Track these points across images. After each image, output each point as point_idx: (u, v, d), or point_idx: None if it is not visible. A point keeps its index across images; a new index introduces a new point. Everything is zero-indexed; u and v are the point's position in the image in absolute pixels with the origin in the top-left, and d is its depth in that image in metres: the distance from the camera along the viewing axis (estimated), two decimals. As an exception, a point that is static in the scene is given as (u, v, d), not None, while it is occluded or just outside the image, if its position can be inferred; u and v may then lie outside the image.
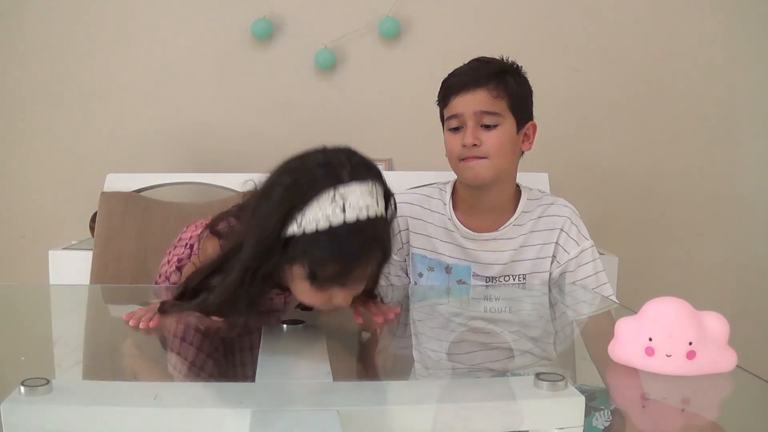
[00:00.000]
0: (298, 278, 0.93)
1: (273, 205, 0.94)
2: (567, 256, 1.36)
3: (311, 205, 0.90)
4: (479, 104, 1.29)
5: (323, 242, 0.89)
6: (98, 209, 1.77)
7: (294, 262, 0.92)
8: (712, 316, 0.81)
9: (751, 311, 2.31)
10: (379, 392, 0.72)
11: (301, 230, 0.90)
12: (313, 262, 0.90)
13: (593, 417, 0.68)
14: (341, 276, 0.91)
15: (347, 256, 0.90)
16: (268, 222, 0.92)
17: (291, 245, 0.91)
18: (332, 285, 0.93)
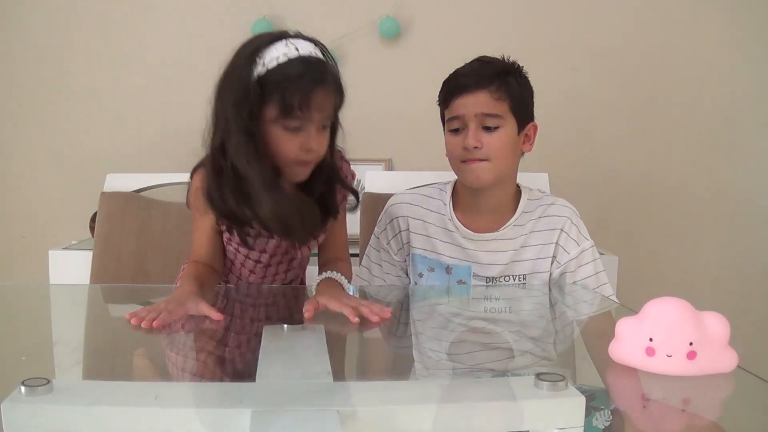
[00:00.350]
0: (273, 125, 1.07)
1: (237, 65, 1.09)
2: (567, 256, 1.36)
3: (269, 49, 1.07)
4: (481, 106, 1.29)
5: (285, 71, 1.05)
6: (98, 209, 1.77)
7: (265, 104, 1.06)
8: (712, 316, 0.81)
9: (752, 311, 2.32)
10: (379, 392, 0.71)
11: (265, 69, 1.05)
12: (281, 92, 1.04)
13: (593, 417, 0.68)
14: (307, 99, 1.05)
15: (307, 79, 1.05)
16: (238, 74, 1.07)
17: (257, 90, 1.05)
18: (302, 114, 1.06)
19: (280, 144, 1.08)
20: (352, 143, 2.25)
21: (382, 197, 1.55)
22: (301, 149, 1.09)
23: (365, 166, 2.20)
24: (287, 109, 1.05)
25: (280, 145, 1.08)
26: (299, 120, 1.07)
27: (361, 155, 2.25)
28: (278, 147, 1.09)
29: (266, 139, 1.08)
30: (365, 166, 2.21)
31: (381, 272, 1.46)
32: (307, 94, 1.06)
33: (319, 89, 1.07)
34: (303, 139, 1.09)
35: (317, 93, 1.07)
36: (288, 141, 1.08)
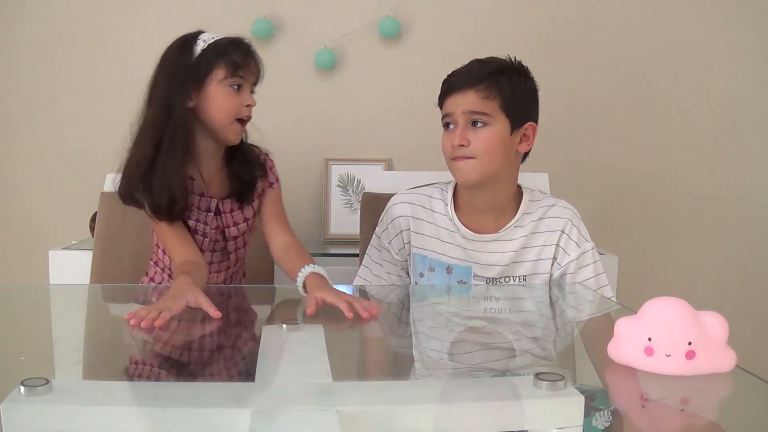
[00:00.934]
0: (217, 84, 1.27)
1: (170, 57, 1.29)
2: (567, 257, 1.36)
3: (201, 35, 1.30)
4: (468, 104, 1.30)
5: (225, 41, 1.29)
6: (98, 209, 1.77)
7: (213, 67, 1.27)
8: (711, 316, 0.81)
9: (751, 311, 2.32)
10: (379, 392, 0.72)
11: (206, 44, 1.28)
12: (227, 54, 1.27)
13: (593, 417, 0.68)
14: (247, 60, 1.29)
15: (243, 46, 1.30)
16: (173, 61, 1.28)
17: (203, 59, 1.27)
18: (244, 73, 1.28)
19: (225, 102, 1.28)
20: (352, 143, 2.26)
21: (382, 197, 1.55)
22: (242, 105, 1.30)
23: (365, 166, 2.20)
24: (234, 66, 1.27)
25: (224, 103, 1.28)
26: (241, 78, 1.29)
27: (361, 155, 2.25)
28: (224, 105, 1.28)
29: (211, 103, 1.28)
30: (365, 166, 2.21)
31: (382, 272, 1.46)
32: (246, 56, 1.30)
33: (251, 56, 1.31)
34: (243, 96, 1.31)
35: (251, 58, 1.31)
36: (231, 98, 1.29)
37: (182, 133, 1.27)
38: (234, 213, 1.40)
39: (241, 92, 1.30)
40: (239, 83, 1.29)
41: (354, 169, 2.24)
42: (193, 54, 1.27)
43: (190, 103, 1.28)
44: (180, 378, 0.84)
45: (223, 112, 1.28)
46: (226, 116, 1.29)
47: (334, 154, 2.25)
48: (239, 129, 1.33)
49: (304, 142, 2.25)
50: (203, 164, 1.35)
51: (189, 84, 1.27)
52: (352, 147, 2.26)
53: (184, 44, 1.29)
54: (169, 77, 1.27)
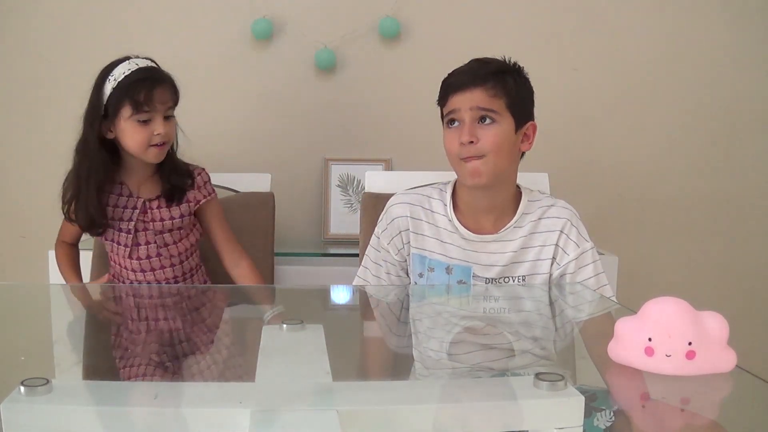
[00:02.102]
0: (126, 120, 1.41)
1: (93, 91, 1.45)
2: (567, 257, 1.36)
3: (115, 69, 1.44)
4: (475, 101, 1.30)
5: (133, 77, 1.41)
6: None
7: (120, 107, 1.40)
8: (711, 316, 0.81)
9: (751, 311, 2.32)
10: (378, 392, 0.72)
11: (116, 82, 1.41)
12: (131, 92, 1.39)
13: (594, 417, 0.68)
14: (152, 92, 1.40)
15: (149, 81, 1.42)
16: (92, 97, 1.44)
17: (112, 99, 1.41)
18: (150, 105, 1.40)
19: (134, 135, 1.42)
20: (352, 143, 2.26)
21: (382, 197, 1.55)
22: (151, 135, 1.43)
23: (365, 166, 2.20)
24: (137, 105, 1.40)
25: (134, 136, 1.42)
26: (147, 113, 1.42)
27: (361, 155, 2.25)
28: (133, 138, 1.42)
29: (123, 136, 1.43)
30: (365, 166, 2.21)
31: (381, 272, 1.46)
32: (149, 92, 1.41)
33: (158, 87, 1.43)
34: (152, 127, 1.43)
35: (157, 90, 1.42)
36: (140, 132, 1.42)
37: (97, 164, 1.45)
38: (161, 210, 1.53)
39: (149, 125, 1.43)
40: (146, 118, 1.42)
41: (354, 169, 2.24)
42: (104, 94, 1.43)
43: (110, 135, 1.45)
44: (180, 378, 0.84)
45: (135, 143, 1.43)
46: (139, 147, 1.43)
47: (334, 154, 2.25)
48: (156, 152, 1.46)
49: (304, 142, 2.25)
50: (132, 173, 1.51)
51: (104, 120, 1.43)
52: (352, 147, 2.26)
53: (100, 81, 1.44)
54: (88, 113, 1.45)
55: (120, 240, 1.52)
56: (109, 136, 1.45)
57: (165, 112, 1.45)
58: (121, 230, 1.52)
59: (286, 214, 2.07)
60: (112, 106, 1.42)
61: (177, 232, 1.54)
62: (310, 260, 2.01)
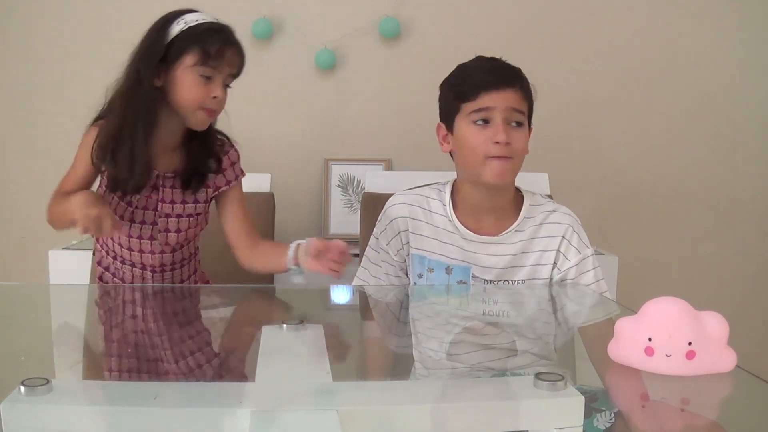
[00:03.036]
0: (186, 69, 1.24)
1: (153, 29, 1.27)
2: (568, 263, 1.36)
3: (187, 14, 1.26)
4: (511, 101, 1.29)
5: (206, 27, 1.25)
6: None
7: (185, 51, 1.24)
8: (711, 316, 0.81)
9: (751, 311, 2.32)
10: (378, 392, 0.72)
11: (187, 25, 1.24)
12: (203, 39, 1.23)
13: (594, 418, 0.68)
14: (222, 50, 1.25)
15: (223, 35, 1.26)
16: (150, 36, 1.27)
17: (178, 41, 1.24)
18: (216, 64, 1.25)
19: (191, 89, 1.25)
20: (352, 143, 2.26)
21: (382, 197, 1.55)
22: (208, 96, 1.27)
23: (365, 166, 2.20)
24: (205, 56, 1.24)
25: (191, 90, 1.26)
26: (212, 69, 1.26)
27: (361, 155, 2.25)
28: (189, 92, 1.26)
29: (177, 87, 1.26)
30: (365, 166, 2.21)
31: (380, 273, 1.46)
32: (222, 47, 1.25)
33: (231, 47, 1.27)
34: (212, 87, 1.27)
35: (229, 49, 1.27)
36: (199, 86, 1.26)
37: (146, 111, 1.26)
38: (174, 191, 1.36)
39: (209, 83, 1.27)
40: (209, 74, 1.26)
41: (354, 169, 2.24)
42: (169, 33, 1.25)
43: (158, 82, 1.27)
44: (180, 378, 0.84)
45: (188, 99, 1.26)
46: (191, 103, 1.27)
47: (334, 154, 2.25)
48: (204, 118, 1.30)
49: (304, 142, 2.25)
50: (159, 138, 1.31)
51: (158, 63, 1.25)
52: (352, 147, 2.26)
53: (165, 22, 1.27)
54: (143, 52, 1.27)
55: (118, 210, 1.33)
56: (156, 83, 1.27)
57: (226, 78, 1.30)
58: (121, 198, 1.34)
59: (286, 214, 2.07)
60: (176, 49, 1.24)
61: (185, 219, 1.37)
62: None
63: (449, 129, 1.36)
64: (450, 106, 1.35)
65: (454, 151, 1.37)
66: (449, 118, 1.36)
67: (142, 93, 1.25)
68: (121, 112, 1.27)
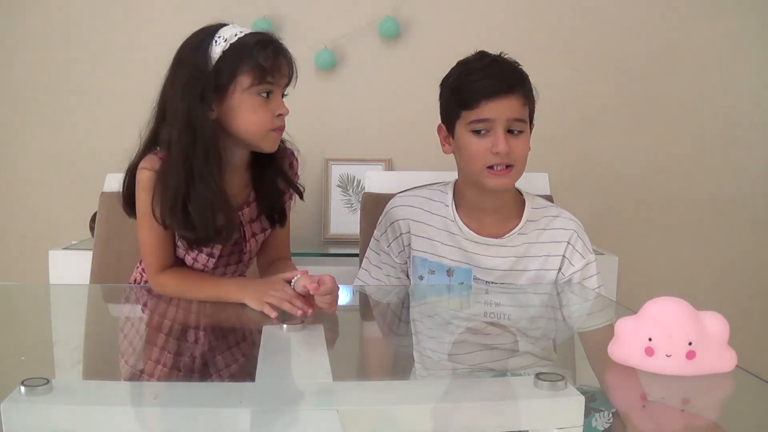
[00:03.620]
0: (244, 93, 1.10)
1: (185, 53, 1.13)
2: (572, 268, 1.36)
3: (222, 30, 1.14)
4: (511, 111, 1.26)
5: (250, 40, 1.11)
6: (98, 209, 1.77)
7: (236, 74, 1.09)
8: (711, 316, 0.81)
9: (751, 311, 2.31)
10: (378, 392, 0.72)
11: (227, 44, 1.10)
12: (253, 58, 1.09)
13: (593, 418, 0.68)
14: (277, 62, 1.11)
15: (272, 46, 1.11)
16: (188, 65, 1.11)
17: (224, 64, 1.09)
18: (273, 78, 1.11)
19: (256, 113, 1.12)
20: (352, 143, 2.26)
21: (382, 197, 1.55)
22: (273, 115, 1.14)
23: (365, 166, 2.20)
24: (261, 72, 1.10)
25: (255, 114, 1.12)
26: (271, 84, 1.12)
27: (361, 155, 2.25)
28: (254, 117, 1.12)
29: (238, 114, 1.12)
30: (365, 166, 2.21)
31: (381, 274, 1.45)
32: (276, 57, 1.12)
33: (281, 55, 1.14)
34: (275, 105, 1.14)
35: (281, 58, 1.13)
36: (263, 108, 1.12)
37: (214, 151, 1.10)
38: (253, 224, 1.26)
39: (271, 100, 1.13)
40: (269, 89, 1.12)
41: (354, 169, 2.24)
42: (211, 57, 1.10)
43: (212, 115, 1.11)
44: (180, 378, 0.84)
45: (252, 124, 1.12)
46: (257, 129, 1.13)
47: (334, 154, 2.25)
48: (275, 138, 1.16)
49: (304, 142, 2.24)
50: (226, 175, 1.17)
51: (209, 94, 1.09)
52: (352, 147, 2.26)
53: (200, 44, 1.12)
54: (186, 87, 1.10)
55: (199, 259, 1.22)
56: (211, 116, 1.11)
57: (284, 89, 1.16)
58: (201, 250, 1.20)
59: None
60: (225, 73, 1.09)
61: (261, 235, 1.29)
62: (310, 260, 2.00)
63: (450, 132, 1.35)
64: (450, 109, 1.33)
65: (456, 153, 1.36)
66: (450, 122, 1.34)
67: (202, 134, 1.09)
68: (183, 166, 1.09)
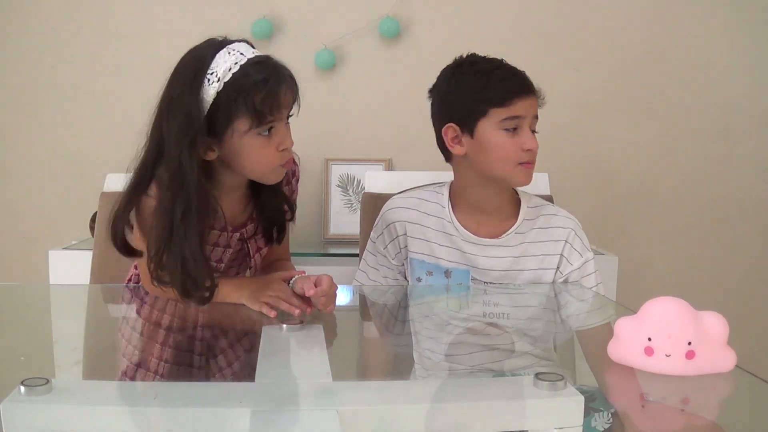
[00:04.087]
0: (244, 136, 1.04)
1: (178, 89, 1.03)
2: (570, 267, 1.36)
3: (212, 64, 1.03)
4: (534, 109, 1.31)
5: (244, 78, 1.02)
6: (98, 209, 1.77)
7: (233, 118, 1.03)
8: (711, 316, 0.81)
9: (751, 311, 2.32)
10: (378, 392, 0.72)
11: (221, 83, 1.02)
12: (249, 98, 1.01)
13: (592, 418, 0.68)
14: (276, 99, 1.04)
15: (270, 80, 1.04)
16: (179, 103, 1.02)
17: (219, 111, 1.02)
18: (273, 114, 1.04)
19: (260, 152, 1.07)
20: (352, 143, 2.26)
21: (382, 197, 1.55)
22: (278, 150, 1.08)
23: (365, 166, 2.20)
24: (260, 115, 1.04)
25: (257, 155, 1.07)
26: (272, 122, 1.06)
27: (361, 155, 2.25)
28: (256, 157, 1.08)
29: (239, 156, 1.07)
30: (365, 166, 2.21)
31: (378, 276, 1.45)
32: (274, 95, 1.05)
33: (281, 86, 1.06)
34: (279, 140, 1.08)
35: (281, 91, 1.06)
36: (266, 147, 1.07)
37: (197, 204, 1.04)
38: (257, 238, 1.26)
39: (273, 135, 1.07)
40: (269, 127, 1.07)
41: (354, 169, 2.24)
42: (204, 100, 1.02)
43: (211, 155, 1.07)
44: (180, 378, 0.85)
45: (257, 164, 1.09)
46: (262, 168, 1.10)
47: (334, 154, 2.25)
48: (281, 172, 1.13)
49: (304, 142, 2.23)
50: (224, 198, 1.14)
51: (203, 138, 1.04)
52: (352, 147, 2.26)
53: (193, 82, 1.03)
54: (179, 132, 1.03)
55: None
56: (209, 156, 1.07)
57: (287, 115, 1.11)
58: None
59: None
60: (221, 118, 1.03)
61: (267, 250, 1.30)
62: (310, 260, 2.00)
63: (467, 131, 1.32)
64: (472, 108, 1.31)
65: (472, 153, 1.32)
66: (469, 120, 1.31)
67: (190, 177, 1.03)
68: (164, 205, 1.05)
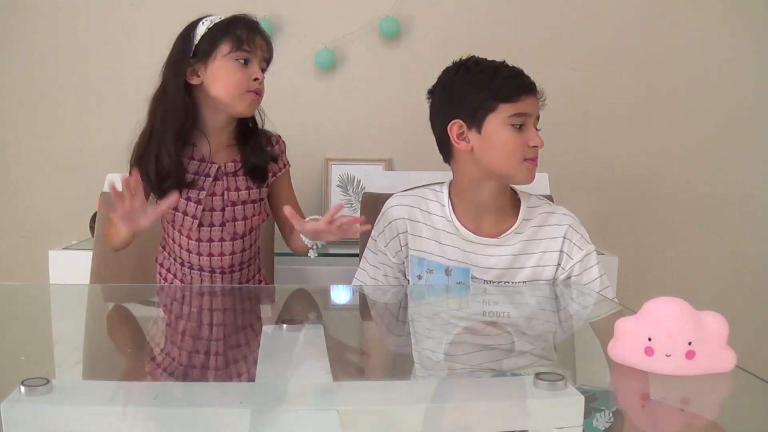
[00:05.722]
0: (222, 58, 1.30)
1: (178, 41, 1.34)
2: (572, 261, 1.36)
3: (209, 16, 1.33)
4: (538, 108, 1.33)
5: (231, 19, 1.32)
6: (98, 209, 1.77)
7: (217, 44, 1.30)
8: (711, 316, 0.81)
9: (751, 311, 2.32)
10: (379, 392, 0.72)
11: (212, 23, 1.32)
12: (232, 29, 1.30)
13: (593, 417, 0.68)
14: (252, 35, 1.32)
15: (249, 22, 1.33)
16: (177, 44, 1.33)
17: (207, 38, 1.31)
18: (250, 47, 1.31)
19: (232, 75, 1.31)
20: (352, 143, 2.26)
21: (382, 197, 1.55)
22: (249, 78, 1.32)
23: (365, 166, 2.20)
24: (238, 41, 1.30)
25: (232, 76, 1.31)
26: (247, 53, 1.32)
27: (361, 155, 2.25)
28: (231, 78, 1.31)
29: (217, 77, 1.31)
30: (365, 165, 2.21)
31: (378, 275, 1.45)
32: (251, 32, 1.32)
33: (257, 33, 1.34)
34: (252, 71, 1.33)
35: (257, 34, 1.34)
36: (238, 72, 1.31)
37: (175, 113, 1.31)
38: (238, 178, 1.40)
39: (248, 66, 1.32)
40: (246, 57, 1.32)
41: (354, 169, 2.24)
42: (196, 35, 1.31)
43: (196, 80, 1.32)
44: (180, 378, 0.84)
45: (230, 85, 1.31)
46: (234, 89, 1.31)
47: (334, 154, 2.25)
48: (251, 100, 1.34)
49: (304, 142, 2.25)
50: (208, 135, 1.37)
51: (193, 62, 1.31)
52: (352, 147, 2.26)
53: (189, 28, 1.33)
54: (171, 57, 1.33)
55: (188, 210, 1.36)
56: (195, 81, 1.32)
57: (260, 63, 1.36)
58: (189, 199, 1.36)
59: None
60: (207, 44, 1.30)
61: (250, 206, 1.41)
62: (310, 260, 2.00)
63: (474, 126, 1.32)
64: (481, 104, 1.31)
65: (478, 149, 1.32)
66: (477, 116, 1.31)
67: (172, 92, 1.31)
68: (150, 114, 1.34)
